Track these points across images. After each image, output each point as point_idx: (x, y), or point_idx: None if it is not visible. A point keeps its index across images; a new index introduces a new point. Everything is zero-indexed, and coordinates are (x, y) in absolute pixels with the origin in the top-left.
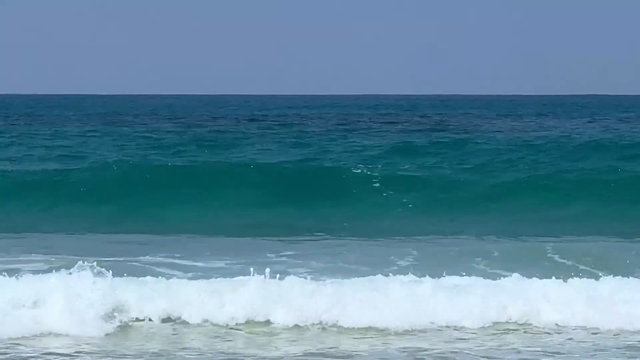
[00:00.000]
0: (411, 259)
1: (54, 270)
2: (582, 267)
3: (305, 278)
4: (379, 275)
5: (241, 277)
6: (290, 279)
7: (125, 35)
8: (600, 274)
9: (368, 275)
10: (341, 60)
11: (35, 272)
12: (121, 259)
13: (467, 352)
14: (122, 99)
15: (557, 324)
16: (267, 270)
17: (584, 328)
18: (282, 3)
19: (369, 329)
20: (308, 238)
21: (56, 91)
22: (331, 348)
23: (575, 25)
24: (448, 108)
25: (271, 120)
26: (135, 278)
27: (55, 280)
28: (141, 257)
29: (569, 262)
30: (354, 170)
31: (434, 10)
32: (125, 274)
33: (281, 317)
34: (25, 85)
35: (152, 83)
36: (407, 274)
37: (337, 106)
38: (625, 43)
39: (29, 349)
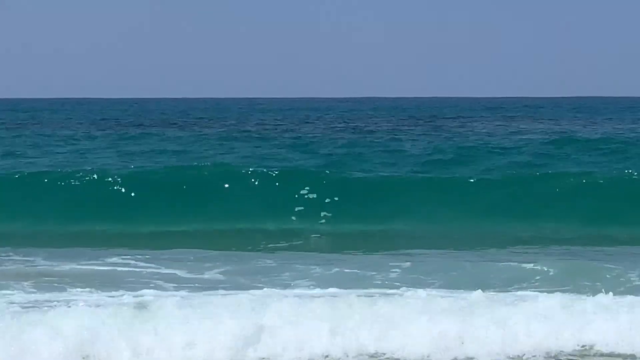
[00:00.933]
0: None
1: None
2: None
3: None
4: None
5: None
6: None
7: (124, 38)
8: None
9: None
10: (344, 62)
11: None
12: (122, 269)
13: None
14: (117, 103)
15: None
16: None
17: None
18: (285, 4)
19: None
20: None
21: (54, 95)
22: None
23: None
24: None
25: (272, 123)
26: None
27: None
28: (145, 270)
29: None
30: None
31: (436, 11)
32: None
33: None
34: (26, 89)
35: (151, 86)
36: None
37: (343, 109)
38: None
39: None
